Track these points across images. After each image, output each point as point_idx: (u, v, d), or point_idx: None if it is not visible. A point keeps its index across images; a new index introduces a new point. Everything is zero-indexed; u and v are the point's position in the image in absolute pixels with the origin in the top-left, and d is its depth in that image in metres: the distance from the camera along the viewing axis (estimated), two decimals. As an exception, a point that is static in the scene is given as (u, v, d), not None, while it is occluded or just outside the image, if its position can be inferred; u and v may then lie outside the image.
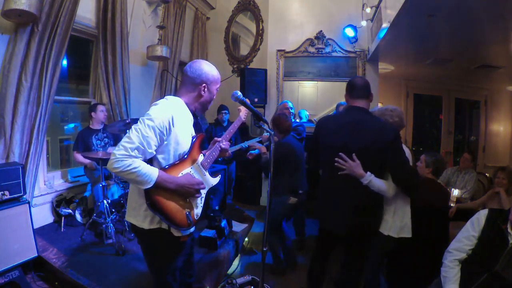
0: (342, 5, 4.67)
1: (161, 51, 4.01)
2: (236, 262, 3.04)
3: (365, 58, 4.64)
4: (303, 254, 3.20)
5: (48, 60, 2.80)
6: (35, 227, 2.42)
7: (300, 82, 5.03)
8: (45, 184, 3.25)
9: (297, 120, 4.35)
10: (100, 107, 3.37)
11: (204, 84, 1.50)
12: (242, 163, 4.67)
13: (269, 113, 4.80)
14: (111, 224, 2.83)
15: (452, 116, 6.39)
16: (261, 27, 5.23)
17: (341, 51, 4.73)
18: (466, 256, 1.59)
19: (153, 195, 1.32)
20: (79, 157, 3.19)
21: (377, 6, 3.67)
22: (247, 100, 1.63)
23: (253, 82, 4.64)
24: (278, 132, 2.75)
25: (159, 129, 1.30)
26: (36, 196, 3.02)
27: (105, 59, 3.58)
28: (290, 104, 3.78)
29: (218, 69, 1.59)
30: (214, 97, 1.59)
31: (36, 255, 2.37)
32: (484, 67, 4.57)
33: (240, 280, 2.48)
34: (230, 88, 1.54)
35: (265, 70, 4.81)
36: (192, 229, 1.53)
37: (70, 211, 3.22)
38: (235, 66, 5.55)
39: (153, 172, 1.28)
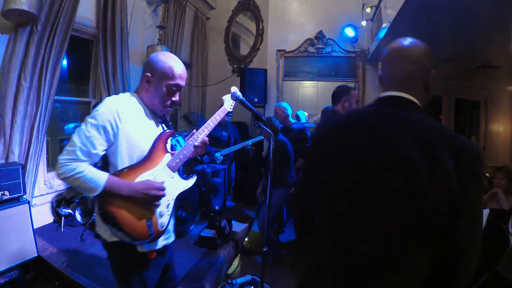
0: (342, 5, 4.67)
1: (161, 51, 4.01)
2: (236, 262, 3.04)
3: (365, 58, 4.64)
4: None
5: (48, 60, 2.80)
6: (35, 227, 2.42)
7: (300, 82, 5.04)
8: (45, 184, 3.25)
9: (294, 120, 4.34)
10: None
11: (148, 74, 1.27)
12: (242, 163, 4.67)
13: (269, 113, 4.79)
14: (111, 224, 2.81)
15: (452, 116, 6.38)
16: (261, 27, 5.23)
17: (341, 51, 4.73)
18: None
19: (105, 203, 1.16)
20: None
21: (377, 6, 3.67)
22: (244, 96, 1.62)
23: (253, 82, 4.63)
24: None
25: (102, 127, 1.14)
26: (36, 196, 3.01)
27: (105, 59, 3.57)
28: (283, 105, 3.76)
29: (218, 69, 1.55)
30: (167, 96, 1.27)
31: (36, 255, 2.36)
32: (484, 67, 4.57)
33: (240, 280, 2.48)
34: (230, 88, 1.50)
35: (265, 70, 4.81)
36: (160, 245, 1.30)
37: (70, 211, 3.22)
38: (235, 66, 5.54)
39: (101, 177, 1.13)
